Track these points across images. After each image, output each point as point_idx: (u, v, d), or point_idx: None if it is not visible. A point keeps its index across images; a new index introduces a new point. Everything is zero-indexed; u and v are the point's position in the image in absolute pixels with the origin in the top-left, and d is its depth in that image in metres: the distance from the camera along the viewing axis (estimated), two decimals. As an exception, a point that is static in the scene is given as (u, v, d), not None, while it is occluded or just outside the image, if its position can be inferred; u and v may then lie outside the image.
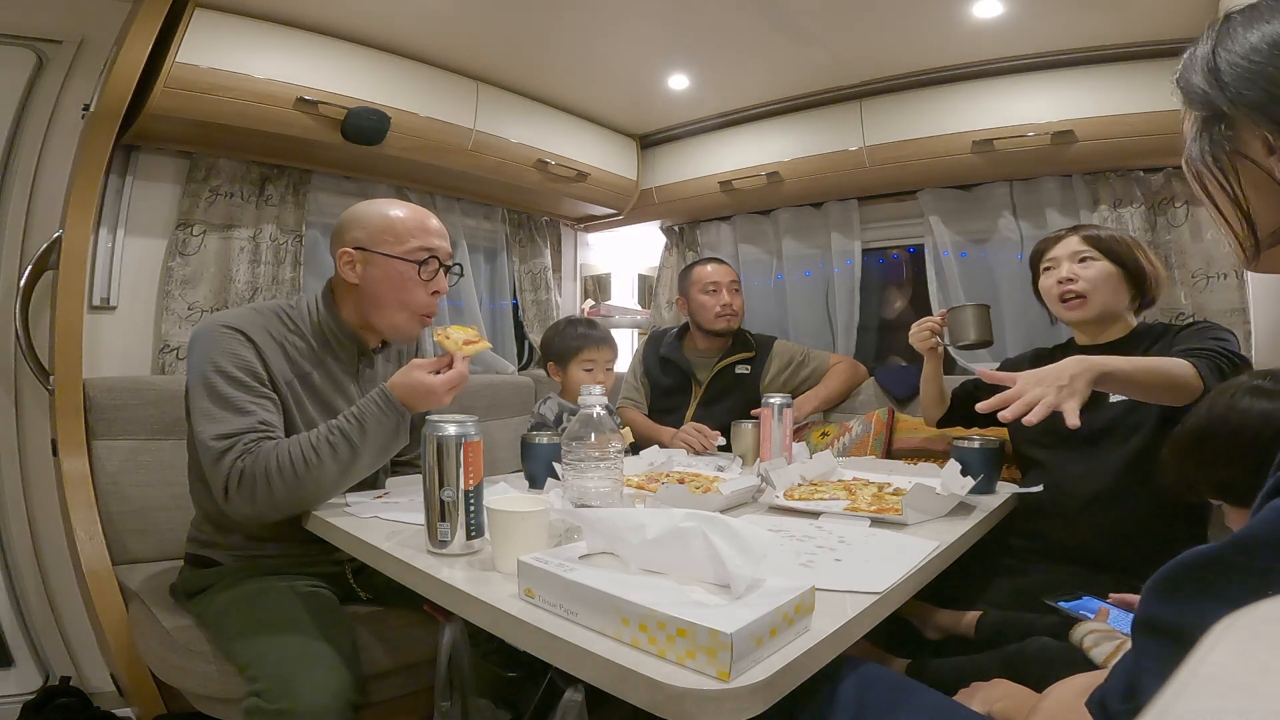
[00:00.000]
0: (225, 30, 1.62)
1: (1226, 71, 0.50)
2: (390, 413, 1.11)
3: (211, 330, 1.14)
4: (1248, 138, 0.51)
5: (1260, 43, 0.49)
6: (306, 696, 0.94)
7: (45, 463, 1.58)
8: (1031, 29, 1.78)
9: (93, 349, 1.65)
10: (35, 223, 1.65)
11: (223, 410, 1.08)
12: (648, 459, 1.50)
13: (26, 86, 1.64)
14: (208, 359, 1.11)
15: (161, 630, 1.22)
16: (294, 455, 1.06)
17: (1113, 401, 1.30)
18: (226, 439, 1.06)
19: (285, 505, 1.07)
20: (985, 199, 2.17)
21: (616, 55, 2.06)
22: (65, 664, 1.63)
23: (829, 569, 0.82)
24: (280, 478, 1.04)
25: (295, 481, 1.05)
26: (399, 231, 1.21)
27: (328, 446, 1.07)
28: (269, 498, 1.05)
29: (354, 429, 1.09)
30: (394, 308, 1.22)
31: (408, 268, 1.20)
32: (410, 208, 1.26)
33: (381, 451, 1.13)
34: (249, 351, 1.13)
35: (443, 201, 2.42)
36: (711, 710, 0.53)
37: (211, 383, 1.09)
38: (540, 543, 0.81)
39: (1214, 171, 0.53)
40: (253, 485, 1.04)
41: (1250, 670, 0.22)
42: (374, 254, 1.20)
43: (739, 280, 2.16)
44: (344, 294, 1.25)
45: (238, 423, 1.07)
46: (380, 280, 1.20)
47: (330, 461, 1.07)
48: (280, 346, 1.18)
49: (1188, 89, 0.55)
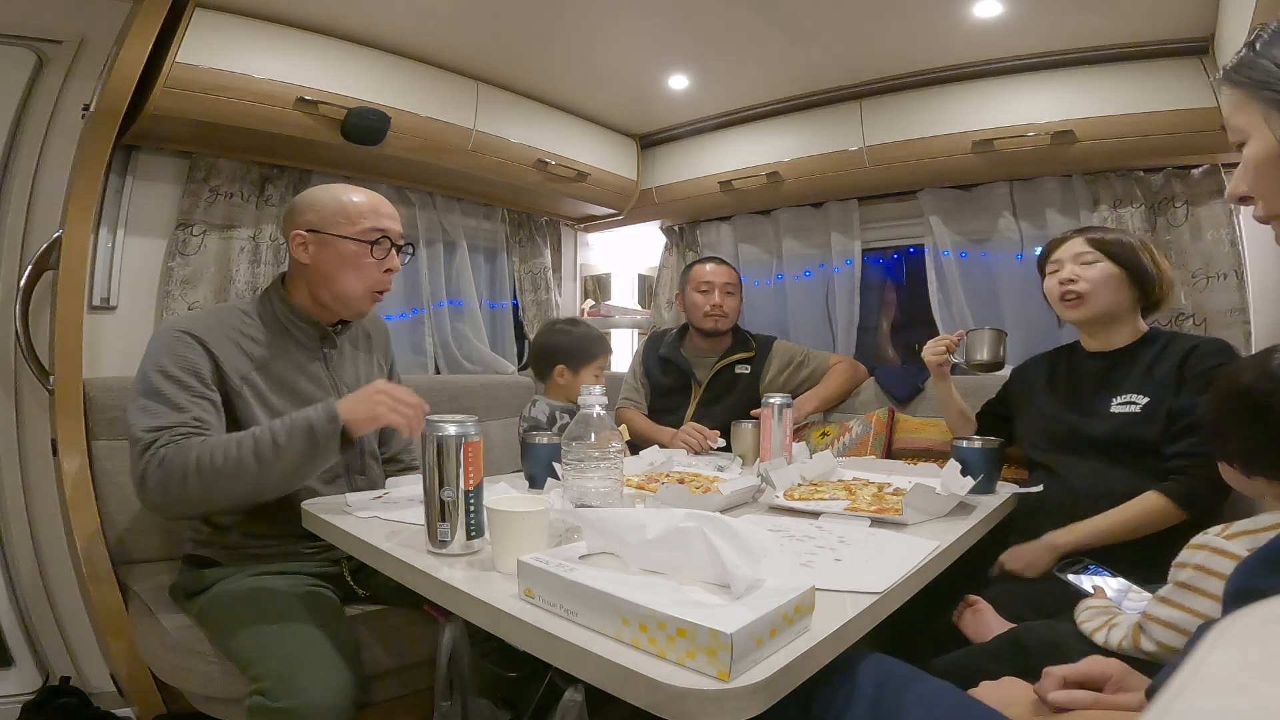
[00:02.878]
0: (225, 30, 1.62)
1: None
2: (322, 415, 1.06)
3: (163, 334, 1.18)
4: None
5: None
6: (310, 694, 0.94)
7: (45, 463, 1.58)
8: (1031, 29, 1.78)
9: (93, 349, 1.65)
10: (35, 223, 1.65)
11: (158, 404, 1.10)
12: (648, 459, 1.50)
13: (26, 86, 1.63)
14: (153, 360, 1.14)
15: (161, 630, 1.22)
16: (215, 450, 1.05)
17: (1114, 411, 1.31)
18: (156, 431, 1.07)
19: (196, 500, 1.07)
20: (985, 199, 2.17)
21: (616, 55, 2.06)
22: (65, 664, 1.63)
23: (829, 569, 0.82)
24: (197, 473, 1.03)
25: (212, 475, 1.04)
26: (351, 214, 1.25)
27: (251, 442, 1.05)
28: (181, 491, 1.04)
29: (282, 428, 1.06)
30: (344, 282, 1.26)
31: (360, 247, 1.25)
32: (364, 192, 1.30)
33: (317, 452, 1.07)
34: (195, 353, 1.15)
35: (443, 201, 2.42)
36: (711, 710, 0.53)
37: (151, 381, 1.11)
38: (540, 543, 0.81)
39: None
40: (168, 477, 1.04)
41: (1250, 670, 0.22)
42: (326, 235, 1.24)
43: (737, 283, 2.15)
44: (296, 278, 1.28)
45: (171, 417, 1.09)
46: (331, 259, 1.25)
47: (251, 459, 1.04)
48: (235, 343, 1.20)
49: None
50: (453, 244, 2.46)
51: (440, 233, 2.43)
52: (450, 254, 2.47)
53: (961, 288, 2.20)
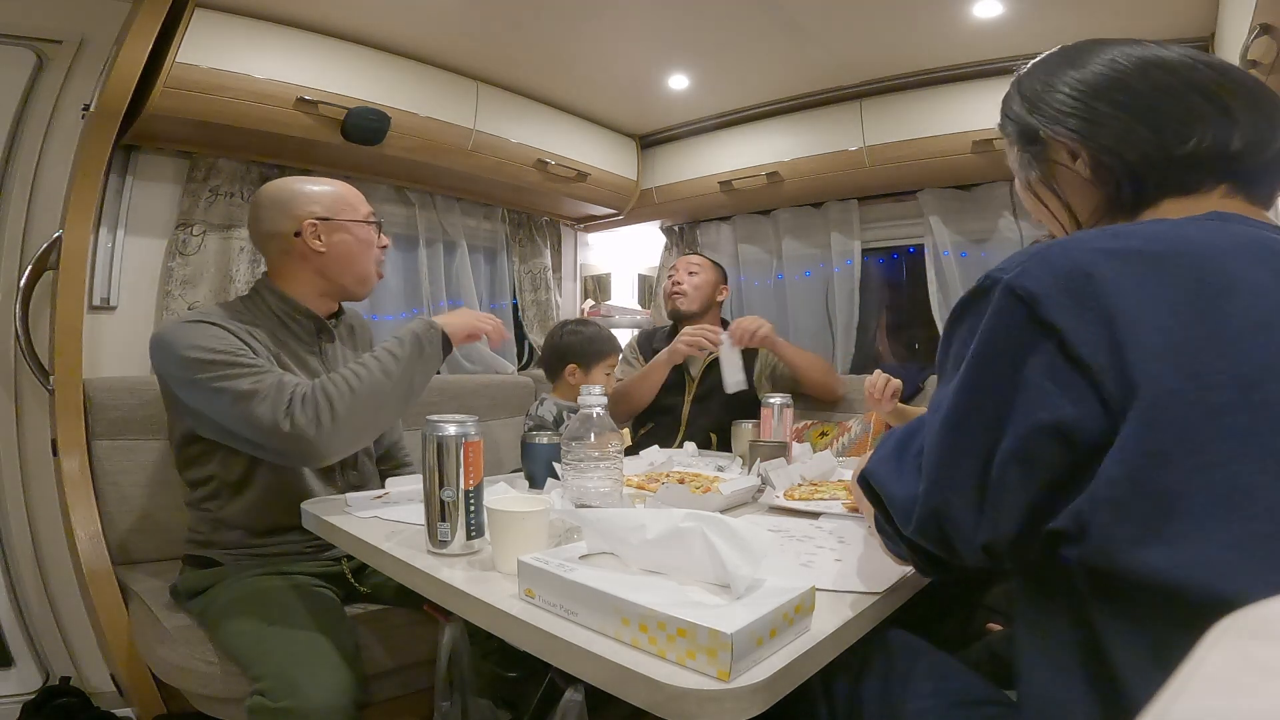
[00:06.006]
0: (225, 30, 1.62)
1: (1045, 102, 0.68)
2: (422, 324, 1.19)
3: (176, 327, 1.15)
4: (1055, 149, 0.67)
5: (1077, 81, 0.65)
6: (311, 694, 0.94)
7: (45, 463, 1.58)
8: (1031, 29, 1.78)
9: (93, 349, 1.65)
10: (35, 223, 1.65)
11: (244, 370, 1.07)
12: (648, 459, 1.50)
13: (26, 86, 1.63)
14: (189, 347, 1.08)
15: (161, 630, 1.22)
16: (344, 377, 1.10)
17: None
18: (268, 383, 1.06)
19: (347, 426, 1.08)
20: (985, 199, 2.17)
21: (616, 55, 2.06)
22: (65, 664, 1.63)
23: (829, 569, 0.82)
24: (344, 397, 1.07)
25: (352, 399, 1.08)
26: (350, 201, 1.30)
27: (372, 361, 1.13)
28: (333, 421, 1.06)
29: (392, 342, 1.16)
30: (362, 263, 1.30)
31: (369, 230, 1.31)
32: (336, 182, 1.33)
33: (425, 359, 1.17)
34: (227, 337, 1.12)
35: (443, 201, 2.42)
36: (711, 710, 0.53)
37: (211, 361, 1.07)
38: (540, 543, 0.81)
39: (1039, 177, 0.70)
40: (316, 409, 1.05)
41: (1250, 670, 0.22)
42: (339, 221, 1.26)
43: (708, 266, 2.18)
44: (292, 271, 1.28)
45: (269, 377, 1.07)
46: (349, 243, 1.28)
47: (379, 374, 1.12)
48: (245, 335, 1.18)
49: (1007, 117, 0.75)
50: (453, 244, 2.46)
51: (440, 233, 2.43)
52: (450, 254, 2.47)
53: (962, 288, 2.19)
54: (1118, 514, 0.45)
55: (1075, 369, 0.47)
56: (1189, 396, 0.44)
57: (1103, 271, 0.48)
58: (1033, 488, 0.50)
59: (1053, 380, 0.48)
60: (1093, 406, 0.46)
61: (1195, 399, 0.44)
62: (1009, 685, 0.77)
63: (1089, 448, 0.47)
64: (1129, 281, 0.47)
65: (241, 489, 1.22)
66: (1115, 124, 0.62)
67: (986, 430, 0.51)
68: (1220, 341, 0.45)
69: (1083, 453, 0.47)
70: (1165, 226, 0.54)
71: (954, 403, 0.54)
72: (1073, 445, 0.47)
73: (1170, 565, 0.43)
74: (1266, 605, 0.26)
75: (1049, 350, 0.48)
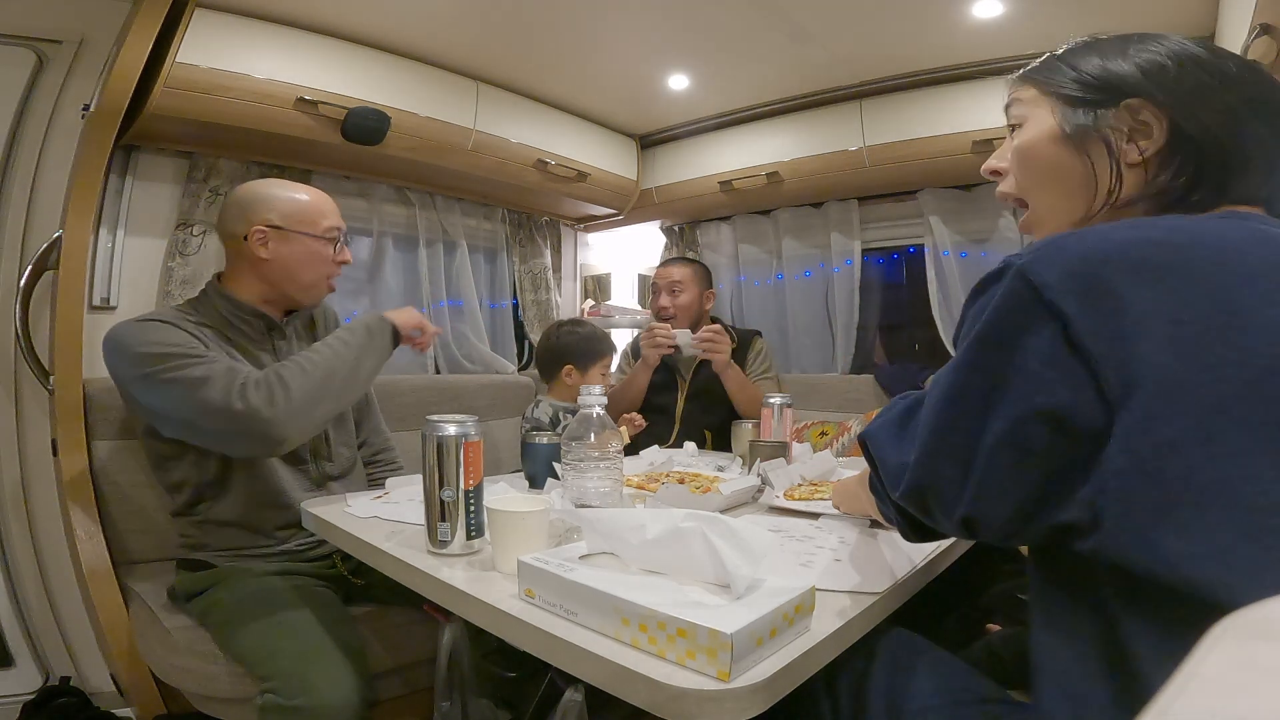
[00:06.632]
0: (225, 30, 1.62)
1: (1150, 67, 0.65)
2: (372, 315, 1.25)
3: (127, 326, 1.15)
4: (1122, 116, 0.62)
5: (1180, 52, 0.64)
6: (323, 691, 0.95)
7: (45, 463, 1.58)
8: (1031, 29, 1.78)
9: (93, 349, 1.64)
10: (35, 223, 1.65)
11: (192, 360, 1.08)
12: (648, 459, 1.50)
13: (26, 86, 1.63)
14: (142, 343, 1.10)
15: (161, 630, 1.22)
16: (297, 362, 1.12)
17: None
18: (216, 372, 1.06)
19: (302, 403, 1.08)
20: (985, 199, 2.17)
21: (616, 55, 2.06)
22: (65, 664, 1.63)
23: (829, 569, 0.82)
24: (296, 376, 1.09)
25: (304, 378, 1.09)
26: (311, 214, 1.29)
27: (323, 347, 1.16)
28: (286, 400, 1.06)
29: (342, 330, 1.21)
30: (307, 275, 1.30)
31: (324, 246, 1.30)
32: (311, 190, 1.32)
33: (375, 348, 1.22)
34: (180, 331, 1.14)
35: (443, 201, 2.42)
36: (711, 710, 0.53)
37: (162, 354, 1.08)
38: (540, 543, 0.81)
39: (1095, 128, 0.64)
40: (269, 389, 1.06)
41: (1250, 670, 0.22)
42: (290, 232, 1.26)
43: (691, 278, 2.12)
44: (240, 273, 1.28)
45: (220, 364, 1.08)
46: (297, 255, 1.27)
47: (330, 356, 1.15)
48: (193, 333, 1.19)
49: (1069, 66, 0.70)
50: (453, 244, 2.46)
51: (440, 233, 2.43)
52: (450, 254, 2.47)
53: (961, 288, 2.20)
54: (1129, 505, 0.45)
55: (1075, 356, 0.47)
56: (1202, 387, 0.44)
57: (1118, 261, 0.48)
58: (1027, 473, 0.50)
59: (1052, 366, 0.48)
60: (1089, 395, 0.47)
61: (1208, 389, 0.44)
62: (1009, 685, 0.77)
63: (1084, 436, 0.47)
64: (1146, 273, 0.47)
65: (220, 491, 1.22)
66: (1222, 108, 0.59)
67: (981, 408, 0.51)
68: (1236, 331, 0.45)
69: (1079, 441, 0.47)
70: (1183, 221, 0.54)
71: (953, 379, 0.54)
72: (1067, 432, 0.48)
73: (1183, 556, 0.43)
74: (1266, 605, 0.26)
75: (1051, 335, 0.48)
